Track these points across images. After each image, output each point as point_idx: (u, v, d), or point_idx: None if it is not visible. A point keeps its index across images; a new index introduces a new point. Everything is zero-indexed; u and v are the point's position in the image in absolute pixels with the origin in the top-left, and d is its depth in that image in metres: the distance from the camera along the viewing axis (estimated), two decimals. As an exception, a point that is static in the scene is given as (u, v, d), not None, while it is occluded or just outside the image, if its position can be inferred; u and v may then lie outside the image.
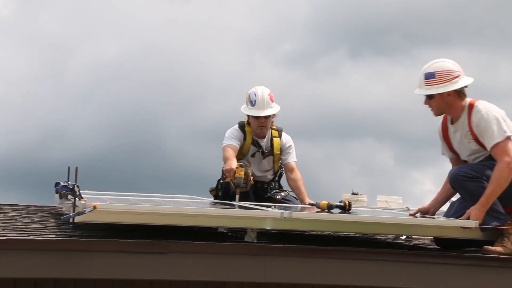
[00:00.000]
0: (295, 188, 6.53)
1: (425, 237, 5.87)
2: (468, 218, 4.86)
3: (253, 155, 6.56)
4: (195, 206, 4.96)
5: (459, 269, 4.71)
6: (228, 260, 4.43)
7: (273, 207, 5.22)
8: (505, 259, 4.77)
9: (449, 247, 5.15)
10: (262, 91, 6.46)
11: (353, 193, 9.36)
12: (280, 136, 6.64)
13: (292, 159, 6.61)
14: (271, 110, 6.45)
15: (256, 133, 6.55)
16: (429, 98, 5.12)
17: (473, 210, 4.86)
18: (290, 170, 6.59)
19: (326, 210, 5.16)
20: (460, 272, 4.71)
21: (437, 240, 5.31)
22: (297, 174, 6.57)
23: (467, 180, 4.94)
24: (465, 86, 5.13)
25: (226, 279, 4.49)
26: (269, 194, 6.66)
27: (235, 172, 6.01)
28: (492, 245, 4.92)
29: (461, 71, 5.13)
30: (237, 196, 5.98)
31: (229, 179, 6.10)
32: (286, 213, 4.57)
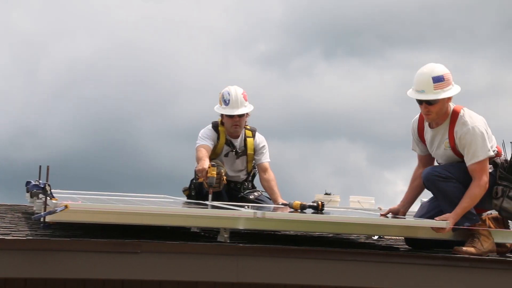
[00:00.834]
0: (268, 188, 6.55)
1: (397, 238, 5.91)
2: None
3: (226, 155, 6.56)
4: (168, 206, 4.94)
5: (430, 269, 4.76)
6: (201, 260, 4.42)
7: (246, 207, 5.22)
8: (475, 259, 4.82)
9: (419, 247, 5.20)
10: (235, 90, 6.48)
11: (326, 193, 9.40)
12: (253, 136, 6.65)
13: (265, 159, 6.62)
14: (245, 109, 6.46)
15: (229, 132, 6.55)
16: (431, 103, 4.96)
17: (449, 219, 4.88)
18: (263, 170, 6.60)
19: (299, 210, 5.17)
20: (431, 272, 4.75)
21: (407, 240, 5.35)
22: (270, 174, 6.59)
23: (440, 180, 4.99)
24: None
25: (198, 279, 4.48)
26: (242, 194, 6.66)
27: (207, 172, 6.00)
28: (463, 246, 4.97)
29: None
30: (210, 196, 5.98)
31: (202, 179, 6.09)
32: (259, 213, 4.58)
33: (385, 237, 5.92)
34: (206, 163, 6.11)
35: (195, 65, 21.07)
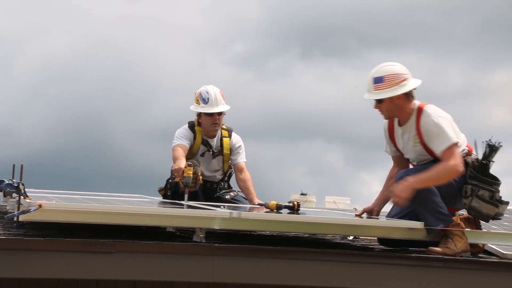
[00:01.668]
0: (244, 188, 6.55)
1: (372, 238, 5.94)
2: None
3: (202, 155, 6.55)
4: (143, 206, 4.92)
5: (404, 269, 4.79)
6: (176, 260, 4.41)
7: (222, 207, 5.22)
8: (449, 259, 4.87)
9: (393, 247, 5.23)
10: (213, 89, 6.49)
11: (302, 194, 9.43)
12: (230, 136, 6.65)
13: (241, 159, 6.63)
14: (224, 106, 6.48)
15: (206, 132, 6.54)
16: (379, 102, 5.14)
17: (401, 185, 4.92)
18: (239, 170, 6.60)
19: (275, 211, 5.18)
20: (405, 272, 4.78)
21: (381, 240, 5.39)
22: (247, 175, 6.59)
23: None
24: (414, 89, 5.19)
25: (173, 279, 4.47)
26: (218, 194, 6.65)
27: (183, 172, 5.99)
28: (436, 246, 5.01)
29: (409, 74, 5.19)
30: (186, 196, 5.96)
31: (178, 178, 6.07)
32: (235, 213, 4.57)
33: (360, 237, 5.94)
34: (182, 163, 6.10)
35: (172, 65, 21.02)
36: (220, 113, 6.47)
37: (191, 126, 6.57)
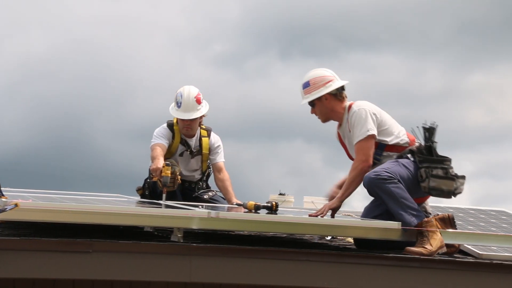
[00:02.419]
0: (222, 188, 6.54)
1: (350, 238, 5.97)
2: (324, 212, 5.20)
3: (181, 154, 6.54)
4: (121, 205, 4.90)
5: (382, 269, 4.82)
6: (153, 259, 4.40)
7: (200, 206, 5.21)
8: (425, 259, 4.90)
9: (369, 248, 5.27)
10: (189, 93, 6.41)
11: (280, 194, 9.44)
12: (209, 135, 6.64)
13: (220, 159, 6.62)
14: (197, 113, 6.41)
15: (183, 132, 6.53)
16: (312, 106, 5.45)
17: (329, 205, 5.23)
18: (218, 170, 6.60)
19: (253, 211, 5.19)
20: (382, 272, 4.81)
21: (356, 241, 5.42)
22: (225, 174, 6.58)
23: (384, 182, 5.07)
24: (342, 90, 5.43)
25: (151, 279, 4.45)
26: (196, 193, 6.64)
27: (161, 171, 5.97)
28: (413, 246, 5.05)
29: (334, 76, 5.48)
30: (164, 195, 5.95)
31: (156, 178, 6.05)
32: (213, 213, 4.57)
33: (338, 237, 5.97)
34: (160, 162, 6.08)
35: (151, 64, 20.95)
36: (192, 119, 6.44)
37: (170, 125, 6.55)
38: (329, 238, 5.83)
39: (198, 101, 6.42)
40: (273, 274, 4.61)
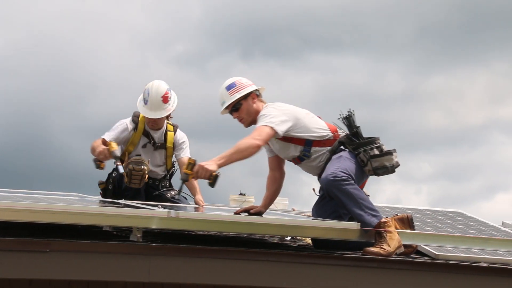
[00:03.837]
0: (187, 182, 6.53)
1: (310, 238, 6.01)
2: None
3: (144, 146, 6.52)
4: (80, 204, 4.85)
5: (340, 269, 4.86)
6: (112, 259, 4.36)
7: (159, 206, 5.19)
8: (383, 260, 4.96)
9: (328, 248, 5.31)
10: (156, 92, 6.35)
11: (240, 194, 9.46)
12: (175, 131, 6.64)
13: (185, 154, 6.61)
14: (162, 112, 6.39)
15: (149, 126, 6.54)
16: (236, 110, 5.43)
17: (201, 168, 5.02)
18: (183, 165, 6.58)
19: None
20: (341, 272, 4.85)
21: (315, 242, 5.46)
22: None
23: (342, 184, 5.12)
24: (263, 88, 5.52)
25: (109, 279, 4.42)
26: (158, 192, 6.61)
27: (108, 150, 6.03)
28: (371, 247, 5.10)
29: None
30: (120, 168, 6.05)
31: (103, 163, 6.11)
32: (173, 213, 4.56)
33: (298, 238, 6.00)
34: (102, 146, 6.10)
35: (113, 61, 20.79)
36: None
37: (136, 115, 6.54)
38: (288, 238, 5.86)
39: (165, 100, 6.38)
40: (233, 274, 4.61)
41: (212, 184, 5.02)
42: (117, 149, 6.07)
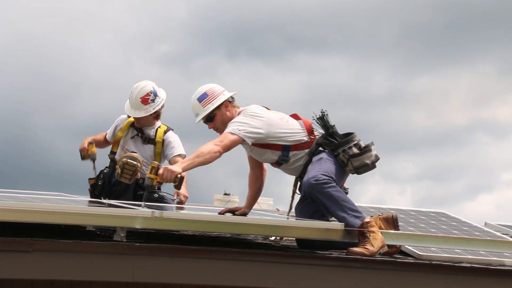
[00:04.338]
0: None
1: (294, 239, 6.01)
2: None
3: (133, 137, 6.57)
4: (63, 204, 4.82)
5: (325, 269, 4.87)
6: (95, 259, 4.34)
7: (143, 205, 5.17)
8: (367, 260, 4.98)
9: (312, 248, 5.32)
10: (138, 92, 6.45)
11: (225, 194, 9.45)
12: (167, 131, 6.65)
13: (178, 151, 6.61)
14: (141, 112, 6.46)
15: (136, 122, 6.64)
16: (211, 120, 5.38)
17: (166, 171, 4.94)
18: (174, 163, 6.58)
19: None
20: (325, 272, 4.86)
21: (299, 242, 5.46)
22: None
23: (324, 187, 5.13)
24: (233, 99, 5.46)
25: (92, 279, 4.40)
26: (142, 192, 6.58)
27: (87, 150, 6.51)
28: (355, 247, 5.11)
29: (222, 87, 5.49)
30: (94, 165, 6.48)
31: (87, 155, 6.55)
32: (157, 213, 4.54)
33: (283, 238, 6.00)
34: (85, 143, 6.58)
35: (98, 60, 20.69)
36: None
37: None
38: (273, 238, 5.87)
39: (144, 102, 6.44)
40: (217, 274, 4.61)
41: (177, 186, 5.02)
42: (94, 153, 6.48)
